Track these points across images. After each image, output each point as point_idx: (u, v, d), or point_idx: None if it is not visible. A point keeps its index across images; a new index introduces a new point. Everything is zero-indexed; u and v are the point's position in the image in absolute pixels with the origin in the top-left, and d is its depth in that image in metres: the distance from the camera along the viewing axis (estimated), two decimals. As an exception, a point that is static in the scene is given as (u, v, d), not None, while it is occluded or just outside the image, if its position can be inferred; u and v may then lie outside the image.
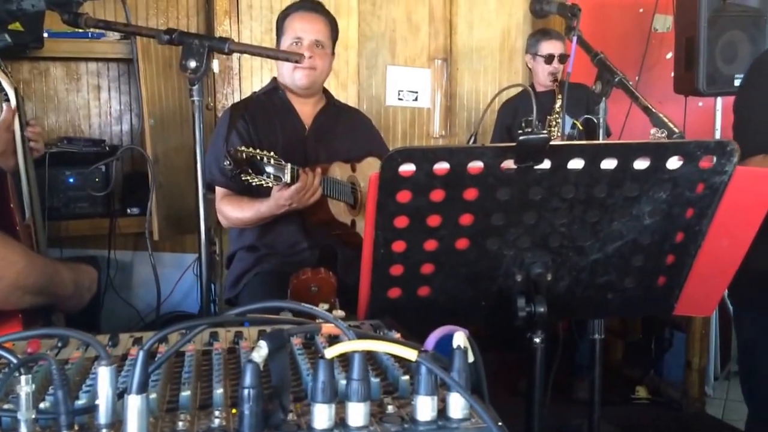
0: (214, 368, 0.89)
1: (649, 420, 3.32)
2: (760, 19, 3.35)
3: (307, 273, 1.39)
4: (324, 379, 0.67)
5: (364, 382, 0.68)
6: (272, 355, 0.70)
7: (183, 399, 0.79)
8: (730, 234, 1.26)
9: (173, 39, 1.53)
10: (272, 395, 0.71)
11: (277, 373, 0.72)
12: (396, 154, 1.06)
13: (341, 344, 0.69)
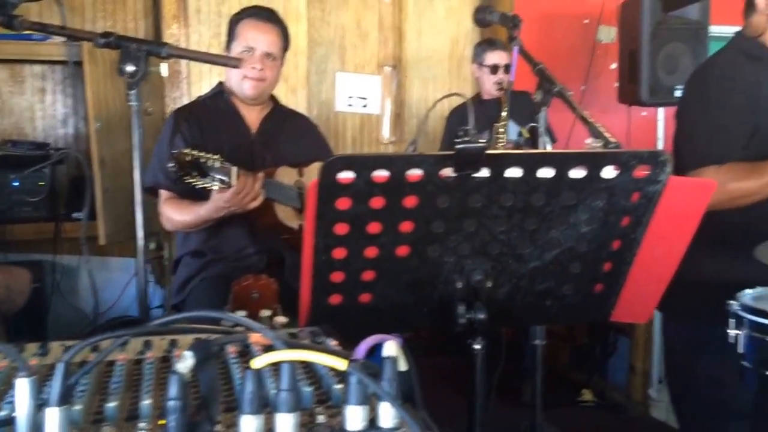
0: (144, 378, 0.87)
1: (594, 423, 3.40)
2: (700, 32, 3.46)
3: (248, 279, 1.37)
4: (251, 389, 0.66)
5: (293, 393, 0.67)
6: (200, 365, 0.69)
7: (109, 410, 0.77)
8: (665, 242, 1.29)
9: (110, 42, 1.50)
10: (200, 406, 0.69)
11: (205, 384, 0.71)
12: (334, 162, 1.06)
13: (269, 354, 0.68)
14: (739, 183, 1.84)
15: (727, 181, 1.83)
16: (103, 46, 1.51)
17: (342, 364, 0.68)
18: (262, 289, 1.33)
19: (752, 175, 1.84)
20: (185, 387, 0.66)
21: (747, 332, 1.64)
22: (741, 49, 1.99)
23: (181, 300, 2.38)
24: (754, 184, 1.84)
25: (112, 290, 3.45)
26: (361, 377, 0.67)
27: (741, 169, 1.86)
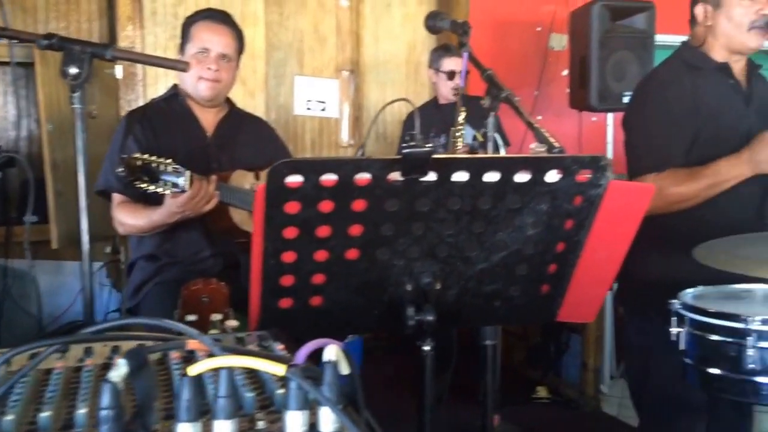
0: (82, 386, 0.85)
1: (548, 418, 3.47)
2: (646, 40, 3.56)
3: (198, 284, 1.37)
4: (188, 397, 0.66)
5: (231, 399, 0.67)
6: (135, 372, 0.68)
7: (43, 420, 0.75)
8: (607, 244, 1.33)
9: (53, 44, 1.47)
10: (135, 414, 0.69)
11: (140, 392, 0.70)
12: (281, 166, 1.07)
13: (206, 361, 0.69)
14: (676, 188, 1.93)
15: (666, 187, 1.91)
16: (45, 47, 1.48)
17: (281, 370, 0.69)
18: (212, 293, 1.33)
19: (689, 180, 1.93)
20: (118, 396, 0.66)
21: (688, 330, 1.70)
22: (683, 60, 2.08)
23: (135, 304, 2.35)
24: (690, 189, 1.92)
25: (66, 295, 3.39)
26: (300, 382, 0.68)
27: (679, 175, 1.94)
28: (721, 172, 1.90)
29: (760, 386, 1.60)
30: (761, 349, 1.58)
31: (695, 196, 1.93)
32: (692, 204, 1.94)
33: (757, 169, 1.86)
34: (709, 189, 1.92)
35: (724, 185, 1.90)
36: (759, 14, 1.94)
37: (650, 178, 1.96)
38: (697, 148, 1.97)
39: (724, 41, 2.02)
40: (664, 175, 1.96)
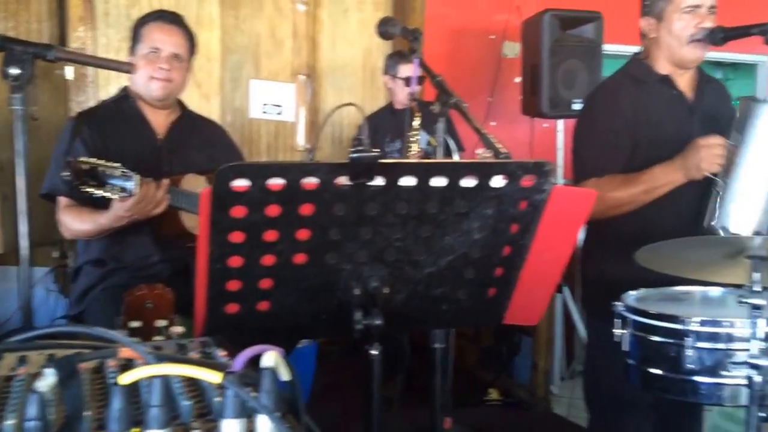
0: (12, 396, 0.82)
1: (500, 420, 3.51)
2: (595, 50, 3.66)
3: (142, 289, 1.34)
4: (119, 406, 0.65)
5: (164, 409, 0.67)
6: (64, 382, 0.67)
7: (-32, 432, 0.73)
8: (551, 247, 1.36)
9: (-7, 44, 1.44)
10: (63, 425, 0.68)
11: (70, 401, 0.69)
12: (227, 170, 1.07)
13: (138, 369, 0.68)
14: (613, 193, 1.99)
15: (604, 192, 1.97)
16: (-18, 47, 1.45)
17: (216, 377, 0.68)
18: (156, 299, 1.31)
19: (625, 185, 2.00)
20: (45, 406, 0.64)
21: (630, 331, 1.75)
22: (628, 72, 2.17)
23: (81, 311, 2.31)
24: (626, 193, 1.99)
25: (12, 301, 3.30)
26: (237, 390, 0.68)
27: (616, 180, 2.01)
28: (655, 178, 1.96)
29: (699, 386, 1.65)
30: (699, 350, 1.63)
31: (631, 201, 1.99)
32: (630, 208, 2.01)
33: (689, 174, 1.92)
34: (644, 194, 1.98)
35: (658, 191, 1.97)
36: (698, 27, 2.00)
37: (590, 183, 2.02)
38: (638, 155, 2.04)
39: (667, 53, 2.08)
40: (603, 180, 2.02)
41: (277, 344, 1.68)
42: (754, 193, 1.90)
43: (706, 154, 1.88)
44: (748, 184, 1.90)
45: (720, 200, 1.91)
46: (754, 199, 1.90)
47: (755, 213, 1.91)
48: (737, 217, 1.90)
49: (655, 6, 2.06)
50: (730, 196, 1.90)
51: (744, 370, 1.58)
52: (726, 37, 1.96)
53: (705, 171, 1.89)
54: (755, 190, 1.90)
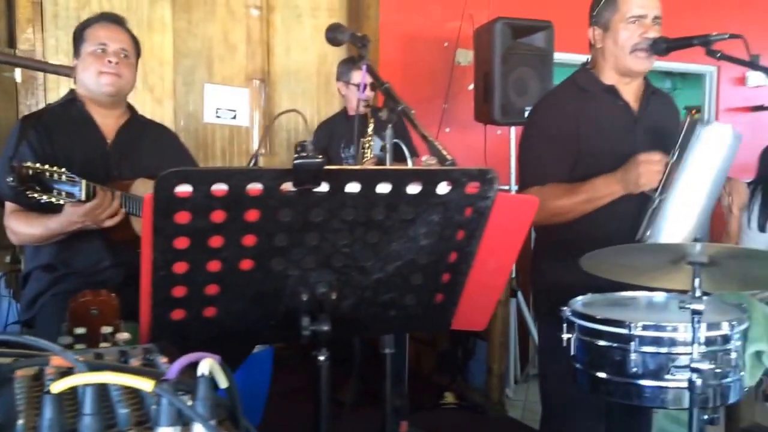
0: None
1: (455, 423, 3.55)
2: (545, 58, 3.72)
3: (86, 295, 1.32)
4: (50, 415, 0.64)
5: (97, 417, 0.66)
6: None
7: None
8: (497, 254, 1.38)
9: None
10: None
11: (2, 409, 0.68)
12: (170, 175, 1.06)
13: (70, 377, 0.67)
14: (555, 201, 2.03)
15: (546, 200, 2.00)
16: None
17: (148, 385, 0.68)
18: (101, 305, 1.29)
19: (567, 195, 2.04)
20: None
21: (577, 336, 1.79)
22: (575, 81, 2.21)
23: (31, 317, 2.28)
24: (568, 202, 2.03)
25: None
26: (170, 398, 0.67)
27: (559, 189, 2.05)
28: (596, 189, 2.00)
29: (643, 389, 1.69)
30: (643, 354, 1.67)
31: (572, 210, 2.03)
32: (571, 217, 2.04)
33: (628, 188, 1.96)
34: (585, 204, 2.01)
35: (599, 201, 2.00)
36: (642, 37, 2.05)
37: (533, 191, 2.06)
38: (581, 164, 2.07)
39: (612, 63, 2.12)
40: (546, 188, 2.06)
41: (229, 350, 1.67)
42: (686, 212, 1.95)
43: (645, 170, 1.92)
44: (681, 204, 1.94)
45: (653, 216, 1.95)
46: (686, 218, 1.95)
47: (685, 232, 1.95)
48: (668, 234, 1.94)
49: (601, 16, 2.11)
50: (663, 213, 1.94)
51: (686, 374, 1.62)
52: (669, 47, 2.01)
53: (643, 187, 1.93)
54: (688, 210, 1.95)
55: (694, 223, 1.93)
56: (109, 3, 3.70)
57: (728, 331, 1.67)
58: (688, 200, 1.94)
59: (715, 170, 1.94)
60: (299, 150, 1.08)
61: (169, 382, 0.69)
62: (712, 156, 1.93)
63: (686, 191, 1.93)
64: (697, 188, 1.94)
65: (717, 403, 1.70)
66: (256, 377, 3.06)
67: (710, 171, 1.94)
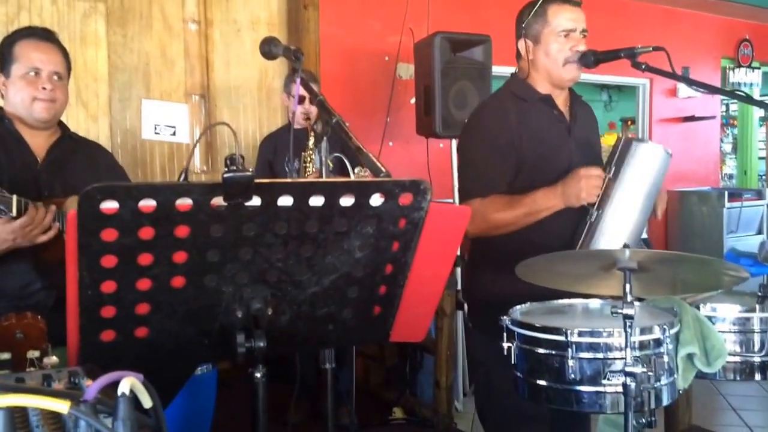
0: None
1: (404, 438, 3.53)
2: (484, 71, 3.79)
3: (10, 319, 1.28)
4: None
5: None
6: None
7: None
8: (432, 264, 1.39)
9: None
10: None
11: None
12: (93, 191, 1.03)
13: (-22, 400, 0.64)
14: (497, 214, 2.05)
15: (488, 212, 2.03)
16: None
17: (63, 407, 0.65)
18: (26, 328, 1.25)
19: (508, 208, 2.05)
20: None
21: (517, 344, 1.80)
22: (510, 91, 2.21)
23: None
24: (509, 215, 2.04)
25: None
26: (86, 419, 0.65)
27: (500, 201, 2.06)
28: (537, 202, 2.02)
29: (581, 395, 1.71)
30: (580, 360, 1.70)
31: (514, 222, 2.05)
32: (513, 228, 2.06)
33: (568, 202, 1.99)
34: (526, 217, 2.03)
35: (539, 214, 2.03)
36: (573, 50, 2.10)
37: (476, 203, 2.06)
38: (522, 174, 2.09)
39: (545, 74, 2.16)
40: (488, 201, 2.06)
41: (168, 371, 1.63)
42: (621, 226, 2.00)
43: (585, 185, 1.96)
44: (618, 218, 1.99)
45: (590, 230, 2.00)
46: (621, 232, 1.99)
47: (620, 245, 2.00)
48: (603, 246, 1.98)
49: (531, 28, 2.14)
50: (600, 227, 1.99)
51: (621, 378, 1.65)
52: (597, 60, 2.07)
53: (583, 201, 1.97)
54: (623, 224, 2.00)
55: (629, 237, 1.98)
56: (40, 17, 3.61)
57: (660, 335, 1.71)
58: (624, 215, 1.99)
59: (649, 186, 2.00)
60: (228, 163, 1.07)
61: (87, 403, 0.67)
62: (646, 173, 1.99)
63: (622, 206, 1.99)
64: (633, 203, 2.00)
65: (652, 406, 1.73)
66: (201, 399, 3.00)
67: (644, 187, 2.00)
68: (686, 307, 1.85)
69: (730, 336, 1.89)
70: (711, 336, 1.82)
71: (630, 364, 1.64)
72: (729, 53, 6.62)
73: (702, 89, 2.05)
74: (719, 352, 1.81)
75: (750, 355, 1.88)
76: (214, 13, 4.19)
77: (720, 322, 1.89)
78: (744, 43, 6.64)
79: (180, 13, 4.09)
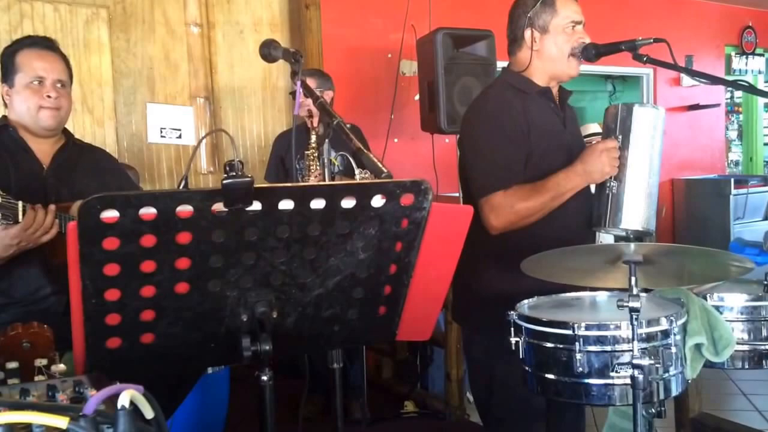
0: None
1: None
2: (488, 67, 3.77)
3: (16, 328, 1.29)
4: None
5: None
6: None
7: None
8: (436, 263, 1.39)
9: None
10: None
11: None
12: (93, 201, 1.04)
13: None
14: (524, 203, 2.00)
15: (515, 203, 1.99)
16: None
17: (62, 422, 0.66)
18: (33, 337, 1.26)
19: (534, 194, 2.00)
20: None
21: (525, 339, 1.80)
22: (509, 83, 2.17)
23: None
24: (537, 202, 2.00)
25: None
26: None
27: (525, 190, 2.01)
28: (560, 185, 2.00)
29: (590, 387, 1.71)
30: (587, 353, 1.70)
31: (542, 209, 2.01)
32: (538, 217, 2.02)
33: (591, 179, 2.01)
34: (552, 201, 2.01)
35: (564, 197, 2.01)
36: (579, 42, 2.09)
37: (499, 196, 2.01)
38: (530, 166, 2.06)
39: (549, 66, 2.13)
40: (511, 192, 2.01)
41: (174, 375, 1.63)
42: (642, 191, 2.02)
43: (607, 158, 1.97)
44: (638, 183, 2.01)
45: (613, 200, 2.01)
46: (643, 197, 2.02)
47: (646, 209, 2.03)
48: (633, 216, 2.01)
49: (539, 18, 2.10)
50: (623, 197, 2.01)
51: (629, 370, 1.65)
52: (598, 53, 2.06)
53: (607, 174, 1.99)
54: (643, 189, 2.02)
55: (650, 203, 2.01)
56: (43, 24, 3.63)
57: (667, 326, 1.71)
58: (641, 179, 2.01)
59: (656, 146, 2.03)
60: (228, 169, 1.07)
61: (86, 418, 0.67)
62: (651, 134, 2.01)
63: (638, 171, 2.01)
64: (647, 166, 2.02)
65: (661, 397, 1.73)
66: (214, 397, 3.02)
67: (653, 148, 2.02)
68: (693, 297, 1.84)
69: (737, 325, 1.88)
70: (718, 326, 1.81)
71: (637, 357, 1.63)
72: (732, 40, 6.57)
73: (704, 80, 2.03)
74: (727, 342, 1.81)
75: (758, 344, 1.88)
76: (216, 15, 4.21)
77: (727, 311, 1.88)
78: (747, 30, 6.59)
79: (182, 17, 4.10)
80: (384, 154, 4.05)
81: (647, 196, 2.02)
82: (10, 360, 1.23)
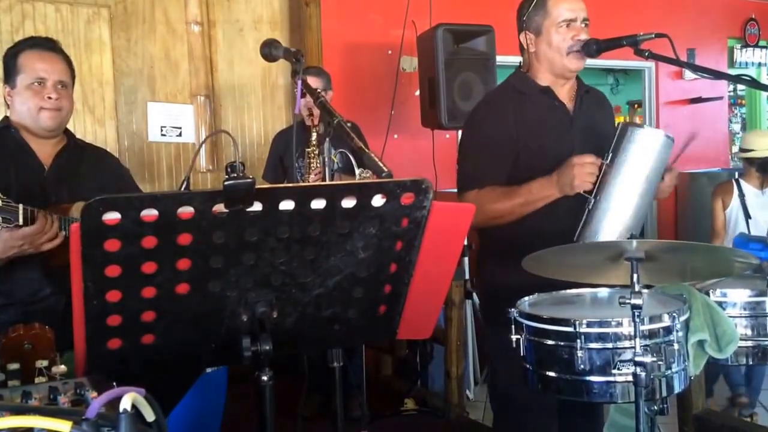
0: None
1: (416, 429, 3.55)
2: (488, 62, 3.77)
3: (18, 330, 1.29)
4: None
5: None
6: None
7: None
8: (437, 262, 1.39)
9: None
10: None
11: None
12: (96, 203, 1.04)
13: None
14: (493, 205, 2.05)
15: (485, 203, 2.03)
16: None
17: (65, 427, 0.66)
18: (34, 339, 1.26)
19: (504, 198, 2.06)
20: None
21: (526, 336, 1.80)
22: (511, 84, 2.23)
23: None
24: (506, 205, 2.05)
25: None
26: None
27: (496, 192, 2.07)
28: (532, 192, 2.02)
29: (592, 385, 1.71)
30: (589, 350, 1.69)
31: (510, 212, 2.05)
32: (509, 219, 2.06)
33: (563, 191, 1.99)
34: (522, 207, 2.03)
35: (536, 204, 2.03)
36: (575, 40, 2.09)
37: (472, 195, 2.09)
38: (521, 166, 2.10)
39: (548, 66, 2.16)
40: (484, 192, 2.08)
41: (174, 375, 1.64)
42: (620, 212, 1.98)
43: (578, 172, 1.94)
44: (615, 204, 1.97)
45: (589, 217, 1.98)
46: (620, 218, 1.97)
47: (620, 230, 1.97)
48: (604, 234, 1.97)
49: (532, 21, 2.14)
50: (598, 214, 1.97)
51: (631, 368, 1.64)
52: (599, 48, 2.05)
53: (577, 188, 1.96)
54: (622, 210, 1.98)
55: (629, 223, 1.97)
56: (44, 24, 3.63)
57: (670, 322, 1.70)
58: (622, 201, 1.97)
59: (647, 171, 1.98)
60: (229, 171, 1.07)
61: (89, 421, 0.67)
62: (643, 158, 1.97)
63: (619, 192, 1.97)
64: (630, 189, 1.97)
65: (664, 394, 1.73)
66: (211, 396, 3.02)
67: (642, 172, 1.98)
68: (696, 293, 1.84)
69: (741, 320, 1.88)
70: (721, 322, 1.81)
71: (640, 354, 1.63)
72: (735, 33, 6.54)
73: (706, 75, 2.02)
74: (730, 338, 1.80)
75: (762, 339, 1.87)
76: (217, 13, 4.21)
77: (730, 307, 1.88)
78: (750, 23, 6.56)
79: (183, 16, 4.10)
80: (384, 150, 4.05)
81: (625, 219, 1.97)
82: (11, 361, 1.24)
